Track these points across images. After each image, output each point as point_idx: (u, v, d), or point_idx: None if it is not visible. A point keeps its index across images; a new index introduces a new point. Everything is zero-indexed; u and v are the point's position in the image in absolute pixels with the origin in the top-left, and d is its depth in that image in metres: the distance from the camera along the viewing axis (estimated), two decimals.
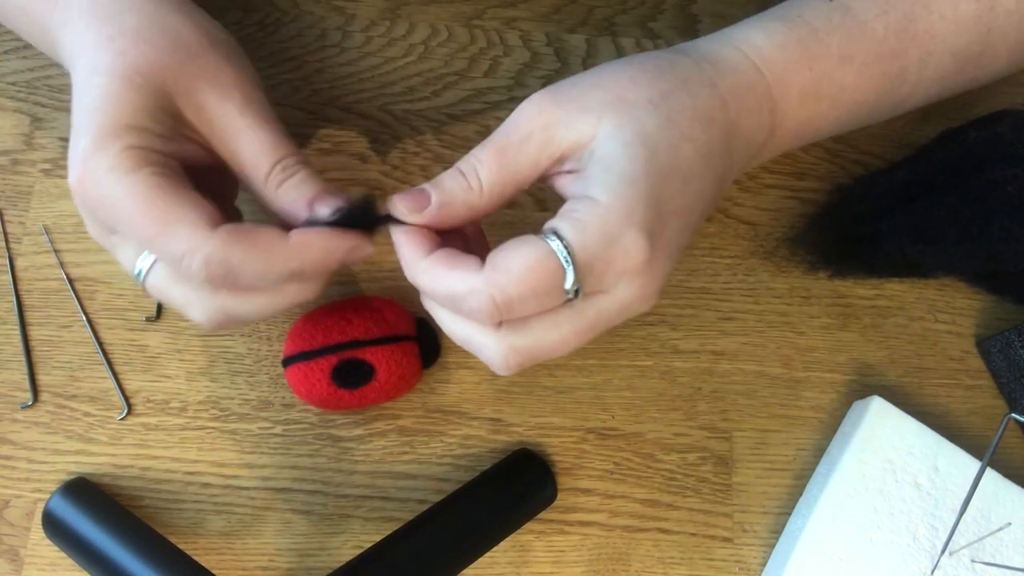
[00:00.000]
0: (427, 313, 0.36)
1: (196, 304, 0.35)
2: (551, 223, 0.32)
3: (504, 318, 0.32)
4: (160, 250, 0.33)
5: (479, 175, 0.34)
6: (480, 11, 0.52)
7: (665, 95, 0.34)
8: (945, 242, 0.44)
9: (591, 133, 0.33)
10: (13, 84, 0.50)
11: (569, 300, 0.33)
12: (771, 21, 0.39)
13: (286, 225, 0.35)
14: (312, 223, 0.35)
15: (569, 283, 0.31)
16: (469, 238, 0.37)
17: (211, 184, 0.36)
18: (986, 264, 0.45)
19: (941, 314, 0.48)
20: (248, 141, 0.35)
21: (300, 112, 0.50)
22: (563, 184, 0.35)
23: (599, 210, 0.32)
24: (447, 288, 0.33)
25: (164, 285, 0.35)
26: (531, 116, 0.34)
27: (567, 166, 0.35)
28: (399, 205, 0.34)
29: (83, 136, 0.33)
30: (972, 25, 0.41)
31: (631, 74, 0.35)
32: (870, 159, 0.50)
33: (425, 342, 0.44)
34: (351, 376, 0.42)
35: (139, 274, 0.35)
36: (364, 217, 0.35)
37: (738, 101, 0.36)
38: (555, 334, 0.34)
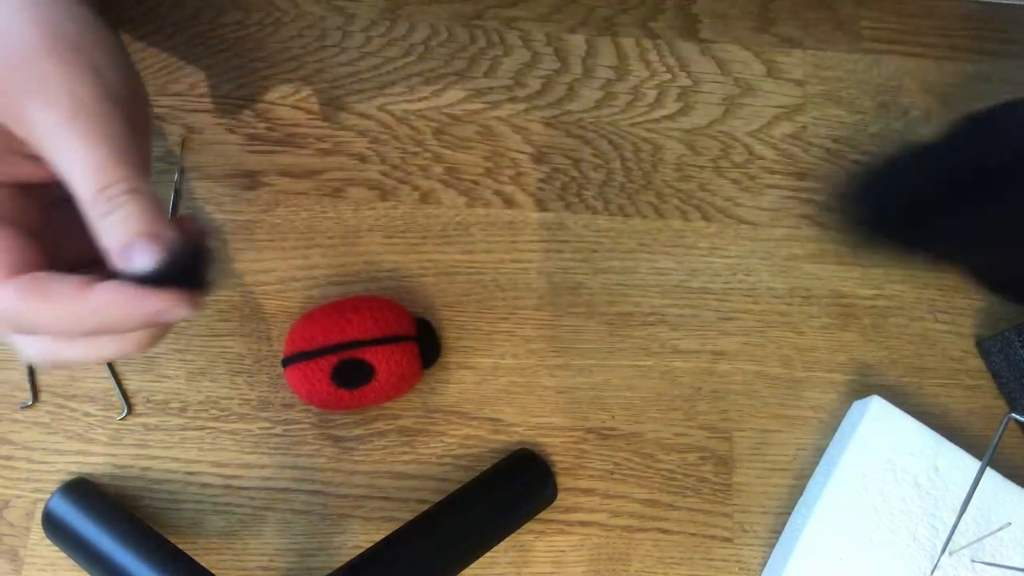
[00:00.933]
0: (427, 313, 0.35)
1: (19, 343, 0.32)
2: None
3: None
4: None
5: None
6: (480, 11, 0.52)
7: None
8: (998, 260, 0.44)
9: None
10: None
11: None
12: None
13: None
14: (123, 275, 0.30)
15: None
16: None
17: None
18: (1012, 273, 0.45)
19: (941, 314, 0.48)
20: (73, 160, 0.30)
21: (300, 112, 0.50)
22: None
23: None
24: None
25: None
26: None
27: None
28: None
29: None
30: None
31: None
32: (871, 159, 0.50)
33: (425, 342, 0.44)
34: (351, 376, 0.42)
35: None
36: (188, 271, 0.30)
37: None
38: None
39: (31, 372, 0.46)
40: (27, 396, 0.45)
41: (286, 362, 0.42)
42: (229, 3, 0.51)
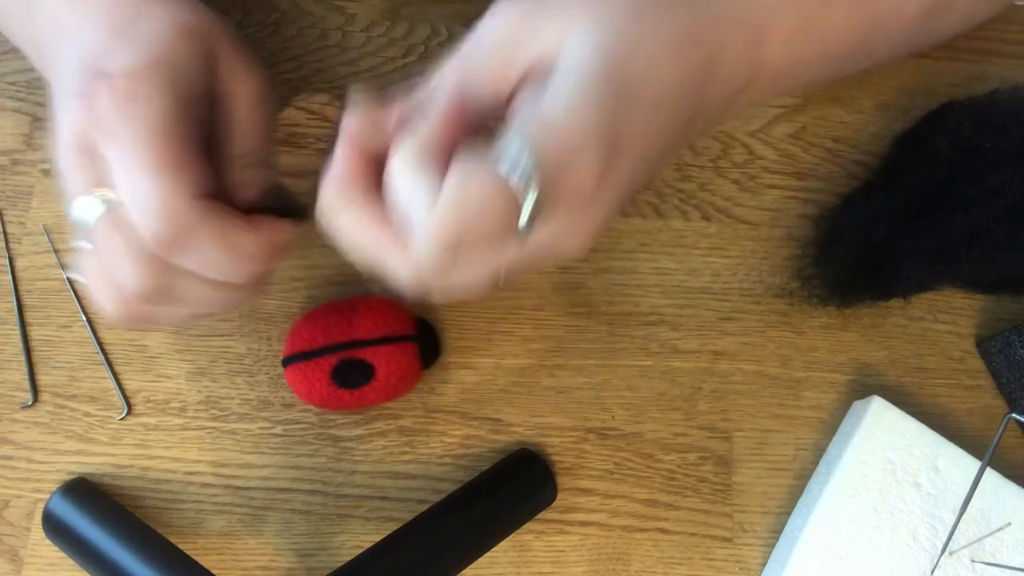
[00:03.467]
0: (427, 313, 0.36)
1: (128, 269, 0.33)
2: (509, 132, 0.28)
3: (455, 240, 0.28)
4: (141, 186, 0.31)
5: (441, 87, 0.31)
6: (481, 11, 0.52)
7: (653, 3, 0.30)
8: (959, 261, 0.44)
9: (560, 40, 0.29)
10: (13, 84, 0.50)
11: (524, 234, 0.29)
12: None
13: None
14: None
15: (524, 219, 0.28)
16: None
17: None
18: (996, 273, 0.46)
19: (941, 314, 0.48)
20: (253, 127, 0.37)
21: (300, 112, 0.50)
22: (531, 101, 0.30)
23: (563, 115, 0.28)
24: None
25: (106, 234, 0.33)
26: (496, 28, 0.31)
27: (533, 82, 0.30)
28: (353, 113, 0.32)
29: (126, 50, 0.33)
30: None
31: None
32: (871, 159, 0.50)
33: (425, 342, 0.44)
34: (351, 376, 0.42)
35: (85, 210, 0.33)
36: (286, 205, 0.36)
37: (725, 29, 0.32)
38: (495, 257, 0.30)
39: (31, 372, 0.46)
40: (27, 396, 0.45)
41: (286, 362, 0.42)
42: (229, 3, 0.51)
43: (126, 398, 0.45)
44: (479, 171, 0.27)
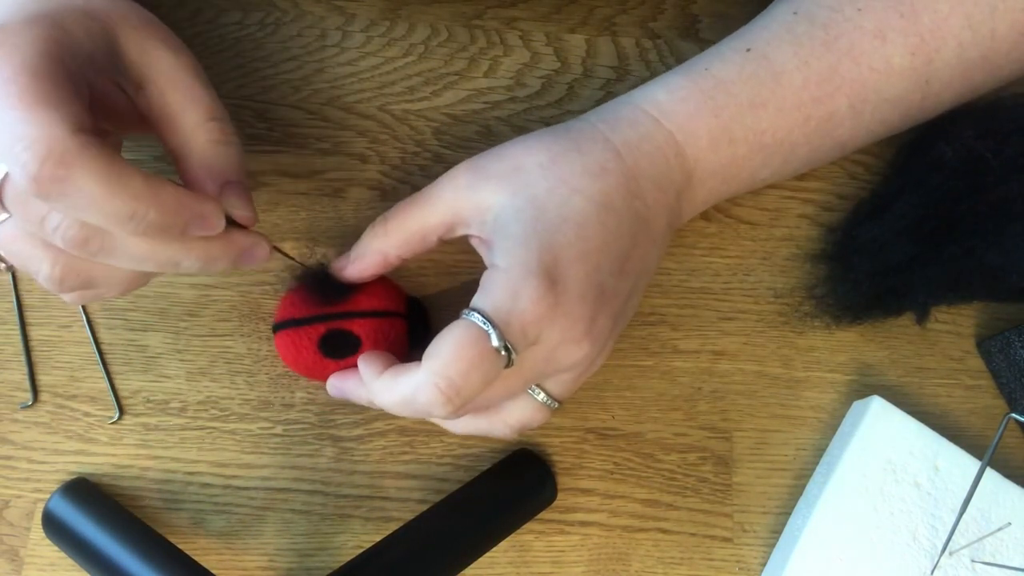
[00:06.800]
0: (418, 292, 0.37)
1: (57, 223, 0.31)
2: (471, 303, 0.36)
3: (460, 402, 0.34)
4: (8, 120, 0.29)
5: (387, 222, 0.40)
6: (480, 11, 0.52)
7: (555, 158, 0.38)
8: (973, 288, 0.45)
9: (491, 200, 0.38)
10: None
11: (510, 361, 0.35)
12: (676, 77, 0.42)
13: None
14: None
15: (496, 341, 0.34)
16: None
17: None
18: (1008, 293, 0.46)
19: (941, 314, 0.48)
20: (192, 94, 0.37)
21: (300, 112, 0.50)
22: (478, 247, 0.40)
23: (500, 275, 0.36)
24: (400, 395, 0.36)
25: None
26: (445, 181, 0.39)
27: (474, 229, 0.39)
28: (335, 269, 0.41)
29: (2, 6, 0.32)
30: (908, 76, 0.41)
31: (527, 144, 0.39)
32: (871, 159, 0.50)
33: (414, 321, 0.44)
34: (338, 345, 0.41)
35: None
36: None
37: (633, 149, 0.39)
38: (501, 387, 0.37)
39: (31, 372, 0.46)
40: (27, 396, 0.45)
41: (276, 328, 0.42)
42: (229, 3, 0.51)
43: (119, 401, 0.45)
44: (453, 326, 0.35)
